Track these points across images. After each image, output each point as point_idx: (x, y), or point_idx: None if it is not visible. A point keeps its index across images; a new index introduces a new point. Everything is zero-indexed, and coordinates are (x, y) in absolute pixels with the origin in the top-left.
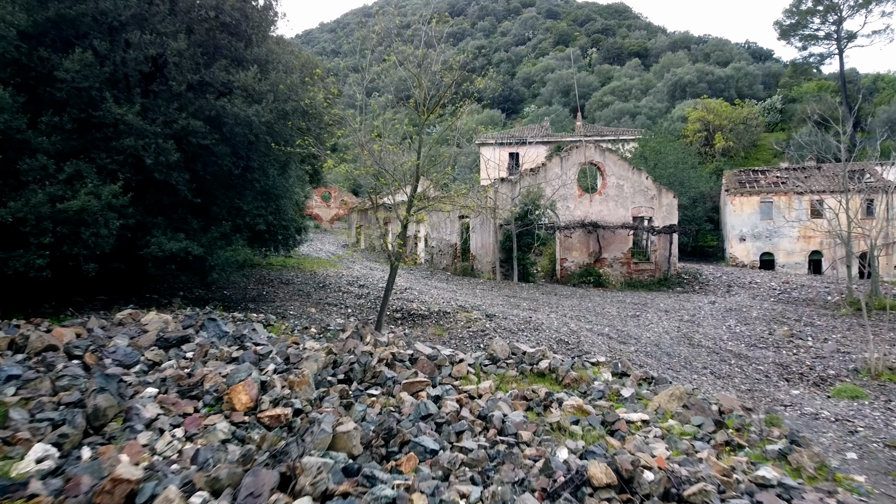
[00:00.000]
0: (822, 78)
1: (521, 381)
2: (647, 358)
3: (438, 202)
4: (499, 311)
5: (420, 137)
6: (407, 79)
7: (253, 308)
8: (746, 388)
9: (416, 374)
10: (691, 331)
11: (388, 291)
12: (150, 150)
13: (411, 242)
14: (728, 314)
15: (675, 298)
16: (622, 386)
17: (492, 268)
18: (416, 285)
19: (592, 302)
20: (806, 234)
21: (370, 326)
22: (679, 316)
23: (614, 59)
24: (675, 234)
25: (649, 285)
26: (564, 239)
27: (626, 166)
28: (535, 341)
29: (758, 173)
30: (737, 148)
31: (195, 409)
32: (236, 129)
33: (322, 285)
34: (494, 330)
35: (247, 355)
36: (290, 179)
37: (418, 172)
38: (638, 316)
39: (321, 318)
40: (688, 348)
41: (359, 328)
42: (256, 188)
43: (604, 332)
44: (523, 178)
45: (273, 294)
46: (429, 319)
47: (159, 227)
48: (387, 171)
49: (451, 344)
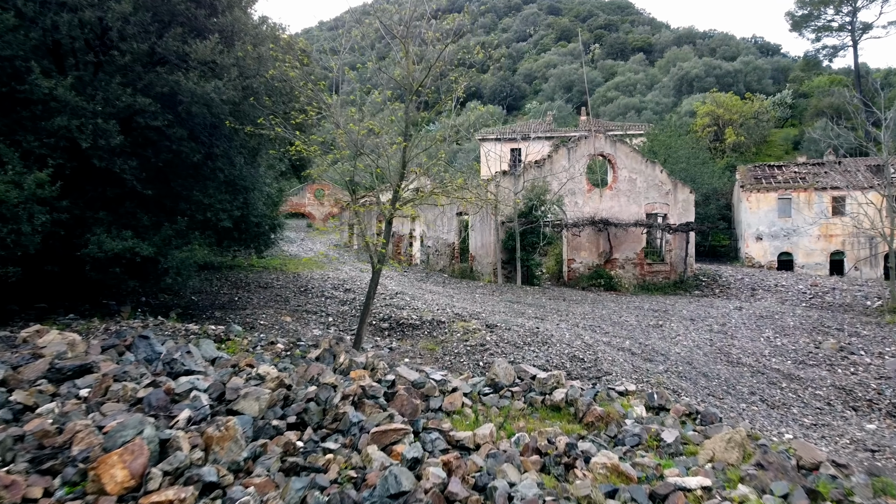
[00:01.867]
0: (832, 73)
1: (531, 416)
2: (680, 380)
3: (430, 195)
4: (501, 319)
5: (407, 115)
6: (405, 76)
7: (219, 317)
8: (810, 422)
9: (390, 419)
10: (726, 344)
11: (369, 300)
12: (87, 131)
13: (405, 242)
14: (761, 323)
15: (696, 304)
16: (661, 425)
17: (493, 269)
18: (409, 289)
19: (606, 309)
20: (827, 232)
21: (348, 342)
22: (707, 325)
23: (618, 55)
24: (692, 233)
25: (664, 288)
26: (572, 238)
27: (638, 159)
28: (545, 359)
29: (774, 168)
30: (748, 143)
31: (47, 491)
32: (193, 108)
33: (304, 289)
34: (496, 344)
35: (154, 395)
36: (259, 169)
37: (405, 158)
38: (661, 326)
39: (295, 329)
40: (727, 367)
41: (332, 345)
42: (220, 178)
43: (624, 345)
44: (527, 171)
45: (247, 300)
46: (420, 330)
47: (102, 223)
48: (367, 155)
49: (444, 361)
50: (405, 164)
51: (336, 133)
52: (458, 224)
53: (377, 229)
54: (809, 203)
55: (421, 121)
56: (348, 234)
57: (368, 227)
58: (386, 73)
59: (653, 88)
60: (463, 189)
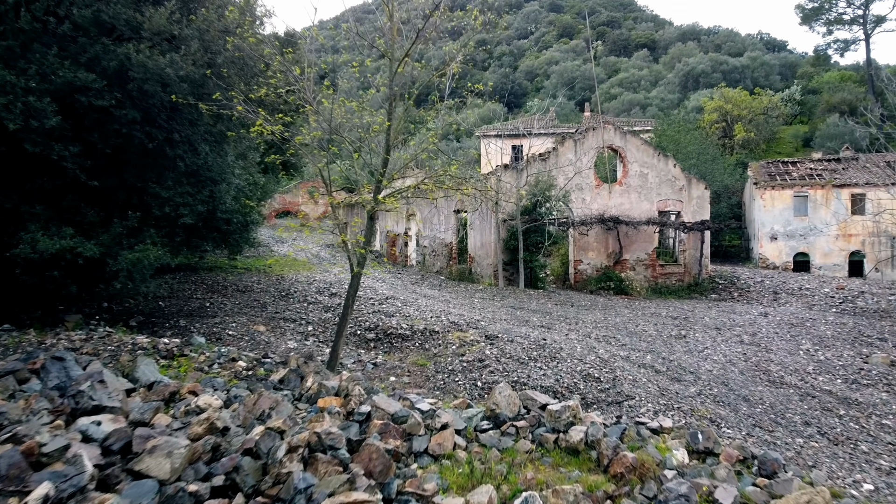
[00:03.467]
0: (842, 68)
1: (540, 461)
2: (718, 406)
3: (419, 185)
4: (502, 329)
5: (391, 87)
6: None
7: (183, 326)
8: (888, 464)
9: (350, 484)
10: (762, 359)
11: (346, 310)
12: (16, 110)
13: (400, 241)
14: (794, 332)
15: (716, 309)
16: (711, 477)
17: (493, 271)
18: (402, 293)
19: (620, 316)
20: (846, 231)
21: (318, 361)
22: (735, 335)
23: (621, 52)
24: (708, 232)
25: (678, 291)
26: (579, 237)
27: (650, 152)
28: (554, 378)
29: (788, 165)
30: (757, 140)
31: None
32: (146, 86)
33: (285, 294)
34: (496, 359)
35: (6, 459)
36: (228, 158)
37: (388, 142)
38: (684, 336)
39: (268, 341)
40: (769, 388)
41: (300, 365)
42: (181, 168)
43: (645, 361)
44: (531, 165)
45: (219, 305)
46: (411, 342)
47: (39, 219)
48: (343, 138)
49: (436, 381)
50: (389, 149)
51: (308, 112)
52: (455, 222)
53: (339, 223)
54: (827, 201)
55: (409, 106)
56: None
57: (351, 224)
58: (365, 38)
59: (657, 85)
60: (457, 178)
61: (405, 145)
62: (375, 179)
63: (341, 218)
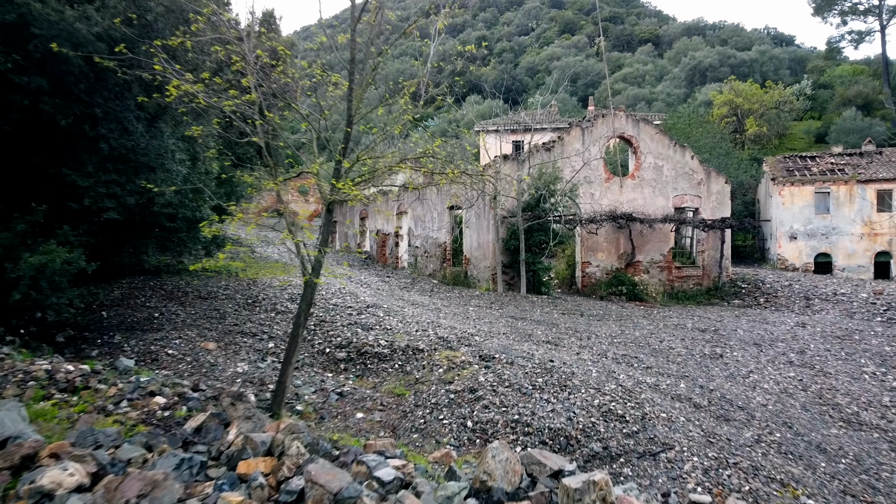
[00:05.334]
0: (854, 62)
1: None
2: (786, 460)
3: (393, 168)
4: (500, 346)
5: (353, 40)
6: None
7: (116, 343)
8: None
9: None
10: (823, 386)
11: (296, 330)
12: None
13: (391, 241)
14: (846, 347)
15: (746, 318)
16: None
17: (492, 275)
18: (387, 300)
19: (639, 328)
20: (871, 230)
21: (252, 401)
22: (780, 353)
23: (624, 47)
24: (729, 231)
25: (696, 297)
26: (588, 236)
27: (665, 142)
28: (566, 415)
29: (807, 159)
30: (769, 135)
31: None
32: (54, 46)
33: (252, 301)
34: (492, 388)
35: None
36: (166, 139)
37: (351, 110)
38: (720, 356)
39: (214, 363)
40: (845, 430)
41: (226, 407)
42: (104, 151)
43: (679, 391)
44: (533, 156)
45: (171, 316)
46: (389, 363)
47: None
48: (292, 104)
49: (414, 419)
50: (351, 120)
51: (244, 68)
52: (450, 220)
53: (288, 218)
54: (851, 197)
55: None
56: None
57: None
58: None
59: (662, 80)
60: (440, 159)
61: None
62: (335, 160)
63: (289, 209)
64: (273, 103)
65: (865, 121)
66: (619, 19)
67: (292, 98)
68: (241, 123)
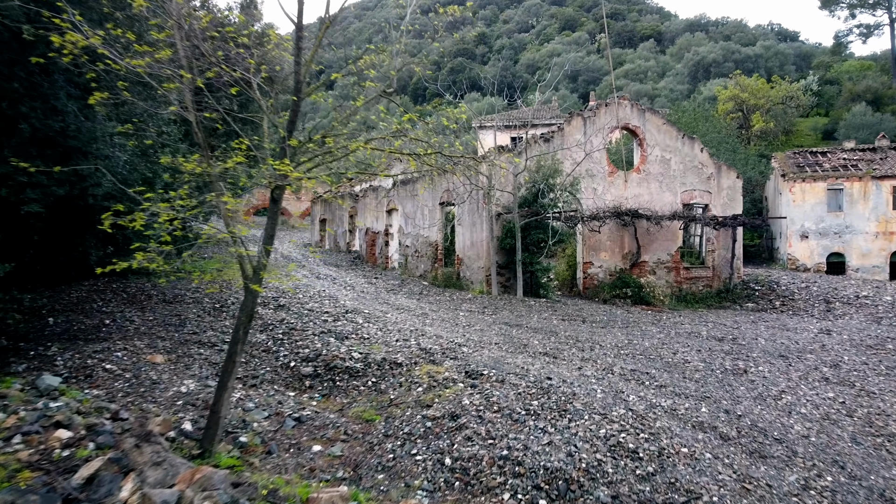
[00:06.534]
0: (861, 58)
1: None
2: None
3: (359, 147)
4: (491, 359)
5: None
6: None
7: (49, 356)
8: None
9: None
10: (870, 410)
11: (234, 350)
12: None
13: (381, 240)
14: (884, 360)
15: (764, 324)
16: None
17: (486, 276)
18: (370, 304)
19: (648, 337)
20: (887, 229)
21: (163, 443)
22: (811, 367)
23: (625, 43)
24: (741, 229)
25: (706, 299)
26: (590, 234)
27: (673, 133)
28: (566, 451)
29: (818, 155)
30: (776, 131)
31: None
32: None
33: (220, 306)
34: (478, 414)
35: None
36: (100, 120)
37: (299, 78)
38: (744, 370)
39: (156, 380)
40: None
41: (128, 450)
42: (25, 133)
43: (701, 417)
44: (531, 147)
45: (123, 323)
46: (361, 380)
47: None
48: (216, 61)
49: (381, 454)
50: (299, 89)
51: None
52: (441, 217)
53: (226, 215)
54: (865, 194)
55: None
56: (319, 231)
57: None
58: None
59: (665, 76)
60: (423, 140)
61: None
62: (279, 137)
63: (218, 196)
64: (206, 66)
65: (875, 116)
66: (621, 16)
67: (240, 66)
68: (159, 87)
